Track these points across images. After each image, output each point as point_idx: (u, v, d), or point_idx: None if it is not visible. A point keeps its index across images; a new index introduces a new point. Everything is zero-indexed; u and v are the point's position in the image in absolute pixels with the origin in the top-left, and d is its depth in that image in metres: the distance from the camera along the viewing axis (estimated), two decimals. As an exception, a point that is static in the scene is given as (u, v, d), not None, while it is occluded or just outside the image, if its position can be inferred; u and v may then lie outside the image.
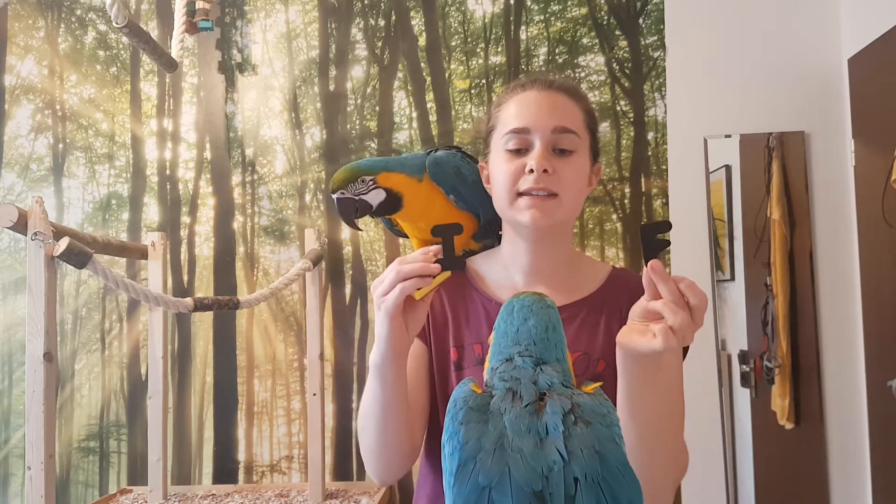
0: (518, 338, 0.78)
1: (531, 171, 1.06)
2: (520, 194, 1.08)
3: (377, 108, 2.26)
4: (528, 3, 2.23)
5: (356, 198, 1.16)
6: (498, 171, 1.10)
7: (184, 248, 2.27)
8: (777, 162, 2.13)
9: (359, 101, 2.26)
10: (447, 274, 0.95)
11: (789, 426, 2.08)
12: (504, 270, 1.17)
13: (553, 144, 1.08)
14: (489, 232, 1.28)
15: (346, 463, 2.18)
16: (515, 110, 1.10)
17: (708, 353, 2.08)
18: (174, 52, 2.02)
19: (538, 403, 0.72)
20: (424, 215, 1.22)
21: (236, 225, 2.27)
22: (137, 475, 2.20)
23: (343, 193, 1.16)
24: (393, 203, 1.18)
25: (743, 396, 2.11)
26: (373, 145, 2.24)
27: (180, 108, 2.30)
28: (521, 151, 1.08)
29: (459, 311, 1.15)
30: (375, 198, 1.17)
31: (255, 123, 2.28)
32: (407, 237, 1.31)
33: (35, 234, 1.37)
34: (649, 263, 0.86)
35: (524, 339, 0.78)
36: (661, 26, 2.18)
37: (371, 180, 1.16)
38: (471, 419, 0.71)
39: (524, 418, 0.70)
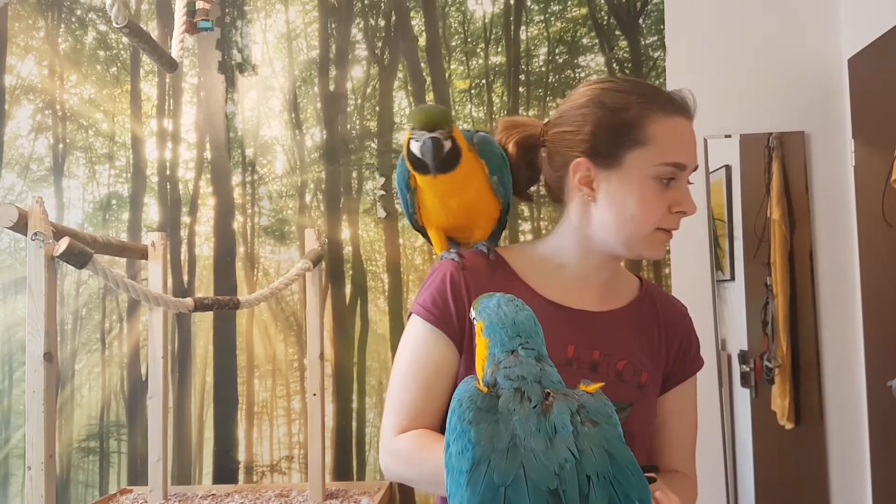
0: (518, 328, 0.80)
1: (680, 212, 1.02)
2: (658, 229, 1.04)
3: (377, 108, 2.26)
4: (528, 3, 2.23)
5: (444, 140, 1.07)
6: (643, 202, 1.02)
7: (184, 248, 2.27)
8: (777, 162, 2.13)
9: (359, 101, 2.26)
10: None
11: (789, 426, 2.08)
12: (555, 269, 1.11)
13: None
14: (498, 231, 1.23)
15: (346, 463, 2.18)
16: (674, 140, 1.03)
17: (708, 353, 2.07)
18: (174, 52, 2.02)
19: (544, 403, 0.73)
20: (462, 189, 1.13)
21: (236, 225, 2.27)
22: (137, 475, 2.20)
23: (440, 132, 1.06)
24: (454, 159, 1.09)
25: (743, 396, 2.11)
26: (373, 145, 2.24)
27: (180, 108, 2.30)
28: (664, 181, 1.02)
29: None
30: (448, 146, 1.08)
31: (255, 123, 2.28)
32: (414, 235, 1.26)
33: (35, 234, 1.37)
34: None
35: (522, 330, 0.79)
36: (661, 26, 2.18)
37: (450, 129, 1.08)
38: (481, 419, 0.72)
39: (533, 418, 0.71)
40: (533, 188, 1.22)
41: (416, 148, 1.08)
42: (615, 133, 1.03)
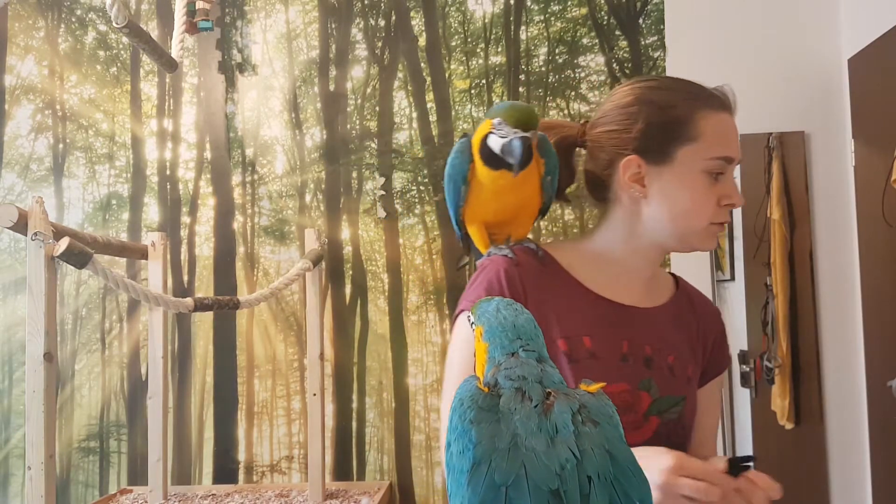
0: (518, 331, 0.79)
1: (729, 205, 1.04)
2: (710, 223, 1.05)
3: (377, 108, 2.26)
4: (528, 3, 2.23)
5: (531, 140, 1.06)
6: (695, 196, 1.04)
7: (184, 248, 2.27)
8: (777, 162, 2.13)
9: (359, 101, 2.26)
10: None
11: (789, 426, 2.08)
12: (604, 265, 1.11)
13: None
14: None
15: (346, 463, 2.18)
16: (722, 134, 1.05)
17: (708, 353, 2.08)
18: (174, 52, 2.02)
19: (545, 402, 0.73)
20: (521, 187, 1.12)
21: (236, 225, 2.27)
22: (137, 475, 2.20)
23: (531, 133, 1.05)
24: (530, 157, 1.08)
25: (743, 396, 2.11)
26: (373, 145, 2.25)
27: (180, 108, 2.30)
28: (714, 175, 1.04)
29: (561, 302, 1.07)
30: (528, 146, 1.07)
31: (255, 123, 2.28)
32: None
33: (35, 234, 1.37)
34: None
35: (523, 333, 0.79)
36: (661, 26, 2.18)
37: (536, 130, 1.07)
38: (482, 419, 0.72)
39: (534, 418, 0.70)
40: (570, 188, 1.21)
41: (497, 144, 1.06)
42: (666, 130, 1.04)
